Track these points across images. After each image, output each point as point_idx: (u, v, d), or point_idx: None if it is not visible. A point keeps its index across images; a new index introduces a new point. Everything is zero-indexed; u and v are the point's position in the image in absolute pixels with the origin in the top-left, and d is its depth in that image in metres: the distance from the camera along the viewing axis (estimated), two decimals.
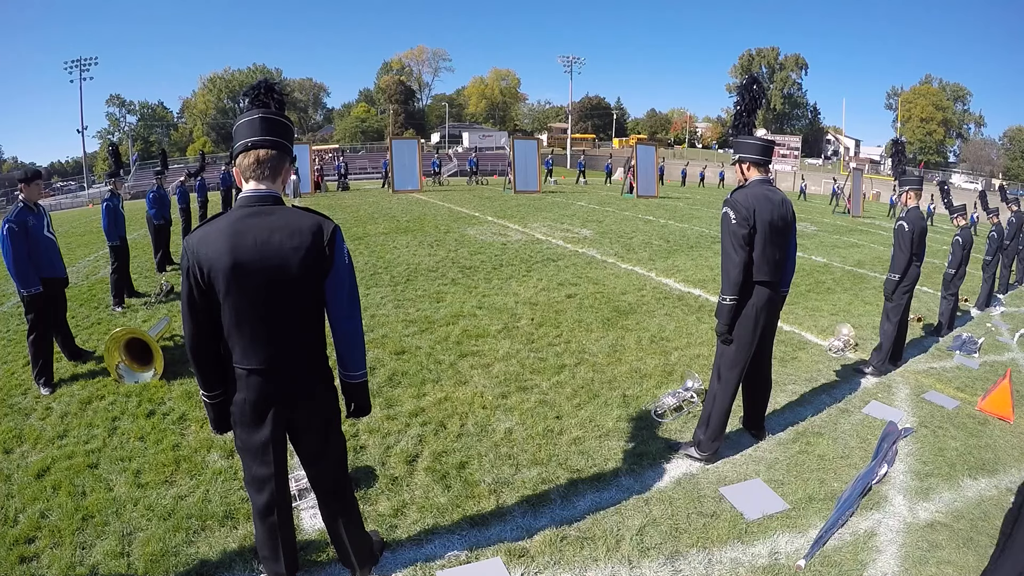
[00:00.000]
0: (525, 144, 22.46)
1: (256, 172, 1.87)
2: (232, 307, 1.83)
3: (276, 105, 2.10)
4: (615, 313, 6.12)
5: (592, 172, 37.43)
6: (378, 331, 5.39)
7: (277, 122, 1.89)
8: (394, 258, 8.72)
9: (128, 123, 62.25)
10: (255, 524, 2.14)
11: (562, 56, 55.74)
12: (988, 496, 3.11)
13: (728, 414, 3.30)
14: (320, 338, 2.02)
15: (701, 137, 74.78)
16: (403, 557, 2.50)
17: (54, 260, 4.41)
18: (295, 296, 1.88)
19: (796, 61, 67.89)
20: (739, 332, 3.17)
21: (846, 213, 22.96)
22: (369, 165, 38.20)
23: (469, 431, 3.59)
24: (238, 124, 1.89)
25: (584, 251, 9.74)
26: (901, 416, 4.03)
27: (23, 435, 3.51)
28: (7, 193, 33.59)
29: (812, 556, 2.56)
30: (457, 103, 71.48)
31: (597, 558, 2.52)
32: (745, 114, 3.47)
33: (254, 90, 2.10)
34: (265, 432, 1.96)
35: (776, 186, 3.29)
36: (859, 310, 6.94)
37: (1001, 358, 5.63)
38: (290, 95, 65.82)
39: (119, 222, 6.51)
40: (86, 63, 41.32)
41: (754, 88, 3.53)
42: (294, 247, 1.83)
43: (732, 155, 3.35)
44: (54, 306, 4.46)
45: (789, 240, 3.27)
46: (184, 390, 4.09)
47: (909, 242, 4.74)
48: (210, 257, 1.78)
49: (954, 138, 60.49)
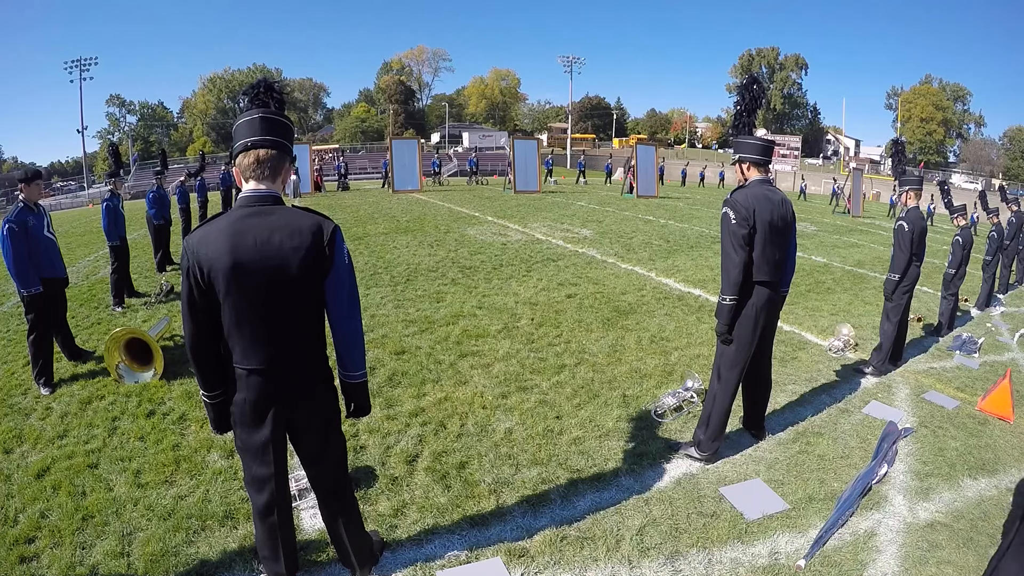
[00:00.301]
0: (525, 144, 22.46)
1: (256, 172, 1.86)
2: (232, 307, 1.83)
3: (276, 105, 2.09)
4: (615, 313, 6.12)
5: (592, 172, 37.43)
6: (378, 331, 5.39)
7: (277, 122, 1.89)
8: (394, 258, 8.72)
9: (128, 123, 62.30)
10: (255, 524, 2.14)
11: (562, 56, 55.83)
12: (988, 496, 3.11)
13: (728, 414, 3.30)
14: (320, 338, 2.02)
15: (701, 137, 74.78)
16: (403, 557, 2.50)
17: (54, 260, 4.41)
18: (295, 296, 1.88)
19: (796, 61, 67.91)
20: (739, 332, 3.17)
21: (846, 213, 22.96)
22: (369, 165, 38.21)
23: (469, 431, 3.59)
24: (238, 124, 1.89)
25: (584, 251, 9.74)
26: (901, 416, 4.03)
27: (23, 435, 3.51)
28: (7, 193, 33.59)
29: (812, 556, 2.56)
30: (457, 103, 71.50)
31: (597, 558, 2.52)
32: (745, 114, 3.47)
33: (254, 89, 2.10)
34: (265, 432, 1.96)
35: (776, 186, 3.29)
36: (859, 310, 6.94)
37: (1001, 358, 5.63)
38: (290, 95, 65.85)
39: (119, 222, 6.51)
40: (86, 63, 41.36)
41: (754, 88, 3.53)
42: (294, 247, 1.83)
43: (732, 155, 3.35)
44: (54, 306, 4.46)
45: (789, 240, 3.27)
46: (184, 390, 4.09)
47: (909, 242, 4.74)
48: (210, 257, 1.78)
49: (954, 138, 60.50)
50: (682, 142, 70.85)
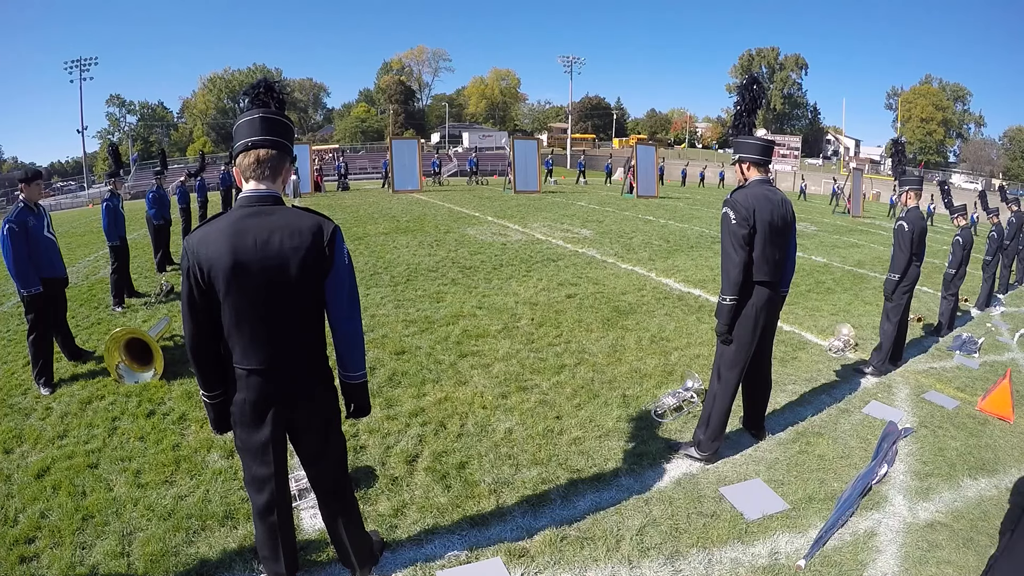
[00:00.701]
0: (525, 144, 22.46)
1: (256, 172, 1.87)
2: (232, 307, 1.83)
3: (276, 104, 2.10)
4: (615, 313, 6.12)
5: (592, 172, 37.43)
6: (378, 331, 5.39)
7: (277, 122, 1.89)
8: (394, 258, 8.72)
9: (128, 123, 62.26)
10: (255, 524, 2.15)
11: (562, 56, 55.78)
12: (988, 496, 3.11)
13: (728, 414, 3.30)
14: (320, 338, 2.02)
15: (701, 137, 74.74)
16: (403, 557, 2.50)
17: (54, 260, 4.41)
18: (295, 296, 1.88)
19: (796, 61, 67.87)
20: (739, 332, 3.17)
21: (846, 213, 22.97)
22: (369, 165, 38.19)
23: (469, 431, 3.59)
24: (238, 124, 1.89)
25: (584, 251, 9.74)
26: (901, 416, 4.03)
27: (23, 435, 3.51)
28: (7, 193, 33.58)
29: (812, 556, 2.56)
30: (457, 103, 71.46)
31: (597, 558, 2.52)
32: (745, 114, 3.47)
33: (254, 90, 2.10)
34: (265, 432, 1.96)
35: (776, 186, 3.29)
36: (859, 310, 6.94)
37: (1001, 358, 5.63)
38: (290, 95, 65.81)
39: (119, 222, 6.51)
40: (86, 63, 41.34)
41: (754, 88, 3.53)
42: (294, 247, 1.83)
43: (732, 155, 3.35)
44: (54, 306, 4.46)
45: (789, 240, 3.27)
46: (184, 390, 4.09)
47: (909, 242, 4.74)
48: (210, 257, 1.78)
49: (954, 138, 60.46)
50: (682, 142, 70.81)
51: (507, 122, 70.80)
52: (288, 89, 26.58)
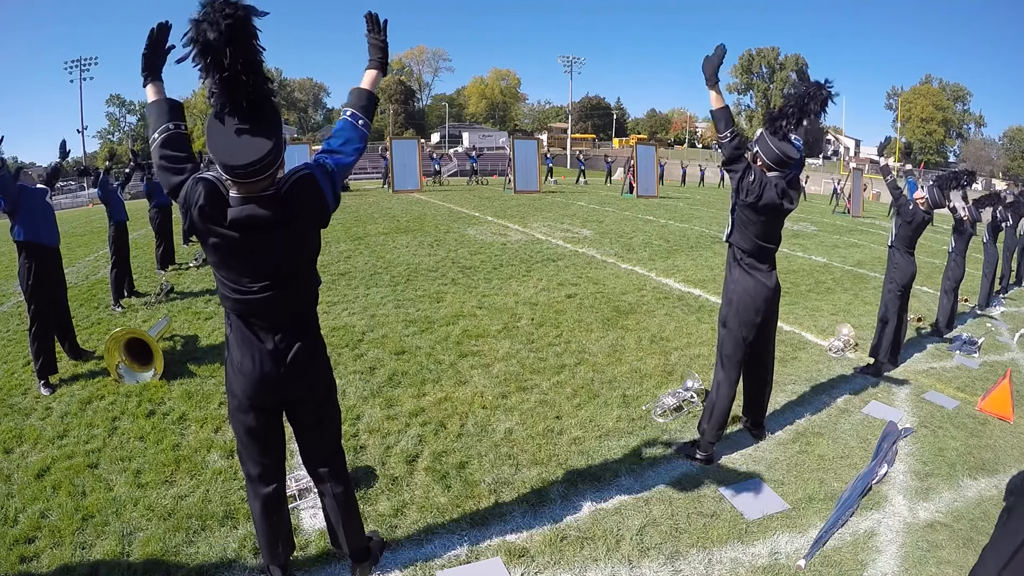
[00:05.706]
0: (525, 144, 22.45)
1: (251, 188, 1.89)
2: (227, 266, 1.89)
3: (242, 64, 1.73)
4: (615, 313, 6.12)
5: (592, 172, 37.41)
6: (378, 331, 5.39)
7: (263, 130, 1.88)
8: (394, 258, 8.72)
9: (128, 123, 62.18)
10: (250, 506, 2.19)
11: (562, 56, 55.82)
12: (988, 496, 3.11)
13: (728, 413, 3.31)
14: (312, 309, 2.09)
15: (701, 137, 74.71)
16: (403, 557, 2.50)
17: (51, 227, 4.44)
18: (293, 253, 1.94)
19: (796, 61, 67.82)
20: (740, 317, 3.20)
21: (846, 213, 22.95)
22: (369, 165, 38.15)
23: (469, 431, 3.59)
24: (211, 132, 1.89)
25: (584, 251, 9.74)
26: (901, 416, 4.03)
27: (23, 435, 3.51)
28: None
29: (812, 556, 2.56)
30: (457, 103, 71.42)
31: (597, 558, 2.52)
32: (789, 115, 3.10)
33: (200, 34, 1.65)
34: (260, 413, 2.00)
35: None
36: (859, 310, 6.93)
37: (1001, 358, 5.63)
38: (290, 95, 65.88)
39: (117, 203, 6.57)
40: (86, 63, 41.32)
41: (819, 96, 3.04)
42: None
43: (753, 136, 3.31)
44: (51, 284, 4.45)
45: (781, 226, 3.30)
46: (184, 390, 4.09)
47: (910, 212, 4.98)
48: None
49: (954, 138, 60.40)
50: (682, 142, 70.77)
51: (507, 122, 70.74)
52: (288, 89, 26.47)
